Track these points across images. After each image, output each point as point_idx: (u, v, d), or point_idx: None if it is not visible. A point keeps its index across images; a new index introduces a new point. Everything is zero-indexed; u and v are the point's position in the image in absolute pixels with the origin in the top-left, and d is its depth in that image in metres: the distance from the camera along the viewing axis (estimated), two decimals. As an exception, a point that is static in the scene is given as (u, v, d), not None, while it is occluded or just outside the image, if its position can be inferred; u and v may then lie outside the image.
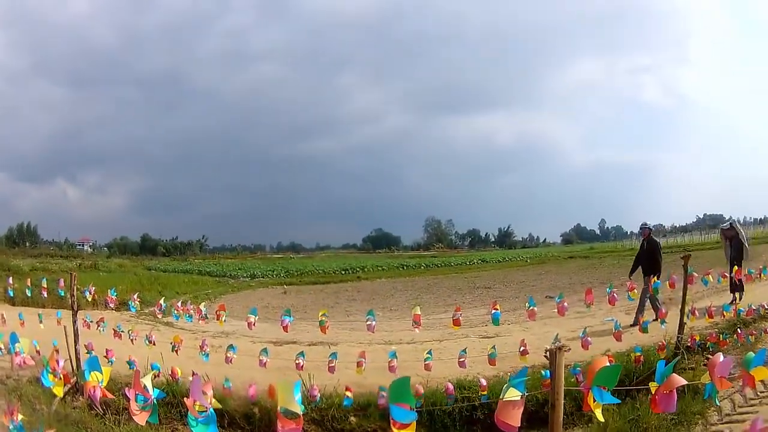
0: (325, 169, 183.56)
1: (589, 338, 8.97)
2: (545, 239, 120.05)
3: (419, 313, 8.28)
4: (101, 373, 3.75)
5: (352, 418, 8.59)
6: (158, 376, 8.53)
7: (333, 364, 8.28)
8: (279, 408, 3.42)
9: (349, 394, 8.22)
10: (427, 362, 8.54)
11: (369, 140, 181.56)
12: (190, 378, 8.02)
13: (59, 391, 3.91)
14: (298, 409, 3.40)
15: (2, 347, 4.48)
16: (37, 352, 9.34)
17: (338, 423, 8.60)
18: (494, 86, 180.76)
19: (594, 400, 3.93)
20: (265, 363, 8.45)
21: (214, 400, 3.62)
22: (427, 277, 44.33)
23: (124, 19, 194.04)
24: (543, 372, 7.91)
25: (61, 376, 3.86)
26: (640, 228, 15.28)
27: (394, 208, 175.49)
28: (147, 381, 3.65)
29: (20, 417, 4.47)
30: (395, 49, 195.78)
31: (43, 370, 3.89)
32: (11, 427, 4.48)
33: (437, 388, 8.72)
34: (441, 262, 61.81)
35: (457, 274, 45.35)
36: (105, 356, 8.53)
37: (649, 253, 14.05)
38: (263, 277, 46.58)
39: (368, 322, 8.33)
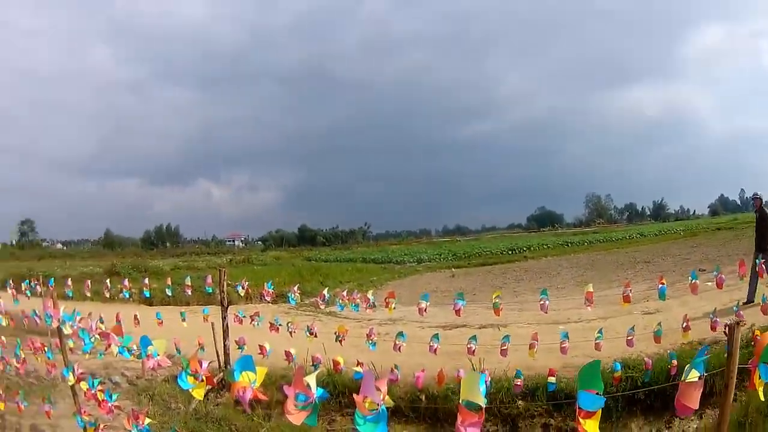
0: (485, 150, 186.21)
1: (741, 312, 8.77)
2: (694, 211, 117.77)
3: (592, 290, 8.18)
4: (254, 373, 3.40)
5: (520, 402, 8.33)
6: (316, 362, 8.51)
7: (505, 347, 8.08)
8: (461, 401, 3.26)
9: (518, 382, 7.99)
10: (597, 341, 8.33)
11: (524, 119, 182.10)
12: (356, 368, 8.14)
13: (200, 393, 3.61)
14: (482, 401, 3.22)
15: (134, 348, 4.27)
16: (177, 350, 9.41)
17: (506, 407, 8.33)
18: (638, 57, 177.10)
19: (759, 377, 3.80)
20: (435, 349, 8.20)
21: (387, 397, 3.28)
22: (590, 253, 44.82)
23: (252, 19, 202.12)
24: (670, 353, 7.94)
25: (204, 377, 3.50)
26: (751, 198, 14.23)
27: (555, 186, 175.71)
28: (311, 379, 3.32)
29: (148, 421, 4.37)
30: (539, 27, 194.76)
31: (182, 371, 3.57)
32: (134, 430, 4.39)
33: (604, 369, 8.00)
34: (602, 237, 61.20)
35: (618, 249, 45.20)
36: (259, 353, 8.37)
37: (758, 226, 13.09)
38: (430, 262, 47.18)
39: (542, 302, 8.18)
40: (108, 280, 11.91)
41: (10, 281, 10.98)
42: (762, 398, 3.94)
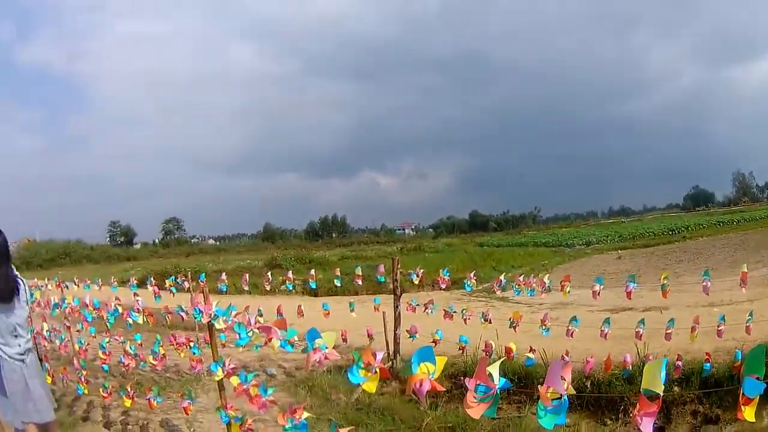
0: (642, 130, 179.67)
1: None
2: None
3: (746, 271, 7.99)
4: (433, 364, 3.24)
5: (675, 388, 7.93)
6: (488, 350, 8.36)
7: (670, 331, 7.91)
8: (642, 389, 3.08)
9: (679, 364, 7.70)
10: (747, 325, 7.99)
11: (674, 97, 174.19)
12: (528, 354, 8.10)
13: (372, 387, 3.47)
14: (661, 389, 2.99)
15: (296, 340, 4.21)
16: (344, 340, 9.35)
17: (664, 394, 7.63)
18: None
19: (743, 394, 3.09)
20: (606, 334, 7.98)
21: (570, 386, 3.05)
22: (738, 233, 45.22)
23: (399, 8, 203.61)
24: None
25: (377, 370, 3.36)
26: None
27: (705, 164, 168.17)
28: (494, 369, 3.12)
29: (305, 415, 4.29)
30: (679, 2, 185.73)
31: (354, 365, 3.45)
32: (288, 426, 4.31)
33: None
34: (748, 216, 60.60)
35: (763, 228, 45.34)
36: (432, 341, 8.23)
37: None
38: (598, 244, 48.22)
39: (704, 283, 7.90)
40: (269, 273, 12.17)
41: (151, 278, 11.29)
42: (750, 419, 3.20)
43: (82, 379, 7.61)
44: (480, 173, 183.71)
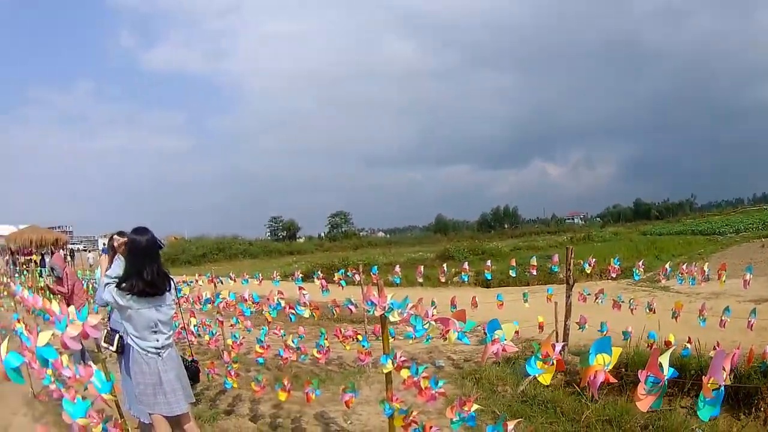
0: None
1: None
2: None
3: None
4: (610, 355, 3.14)
5: None
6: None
7: None
8: None
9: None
10: None
11: None
12: (686, 345, 8.11)
13: (547, 378, 3.42)
14: None
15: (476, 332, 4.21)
16: (516, 332, 9.28)
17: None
18: None
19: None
20: (751, 324, 7.88)
21: (728, 376, 2.92)
22: None
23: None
24: None
25: (554, 361, 3.29)
26: None
27: None
28: (664, 359, 3.00)
29: (475, 407, 4.29)
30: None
31: (532, 356, 3.39)
32: (456, 419, 4.32)
33: None
34: None
35: None
36: (603, 333, 8.15)
37: None
38: (745, 231, 45.94)
39: None
40: (445, 265, 12.23)
41: (318, 272, 11.40)
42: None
43: (232, 373, 7.80)
44: (642, 161, 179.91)
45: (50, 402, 7.94)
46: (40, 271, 30.67)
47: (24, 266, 36.40)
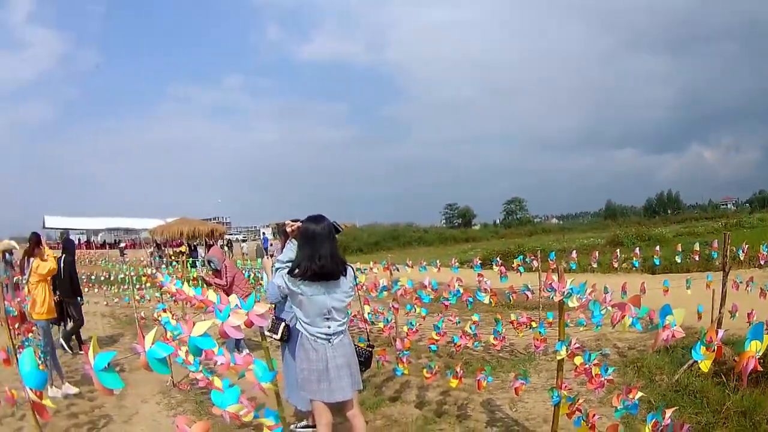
0: None
1: None
2: None
3: None
4: (761, 342, 3.38)
5: None
6: None
7: None
8: None
9: None
10: None
11: None
12: None
13: (706, 365, 3.63)
14: None
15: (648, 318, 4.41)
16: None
17: None
18: None
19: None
20: None
21: None
22: None
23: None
24: None
25: (716, 347, 3.55)
26: None
27: None
28: None
29: (639, 395, 4.46)
30: None
31: (697, 342, 3.65)
32: (620, 407, 4.50)
33: None
34: None
35: None
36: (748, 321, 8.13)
37: None
38: None
39: None
40: (618, 250, 12.57)
41: (497, 259, 11.45)
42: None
43: (404, 360, 7.66)
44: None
45: (191, 391, 8.46)
46: (192, 262, 32.18)
47: (173, 258, 38.12)
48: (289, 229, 5.14)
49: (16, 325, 7.46)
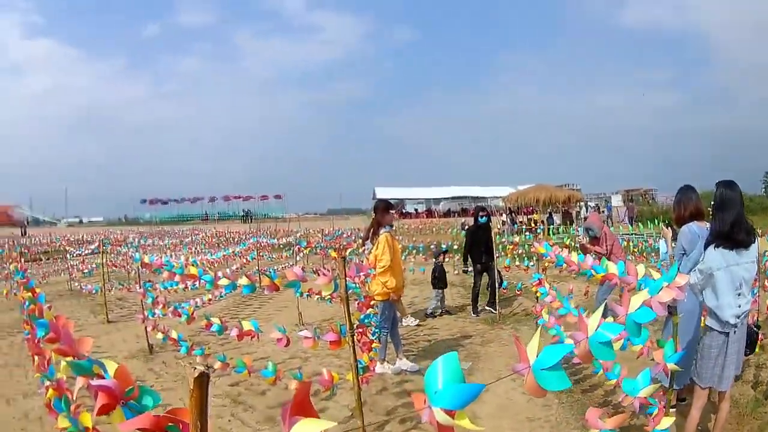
0: None
1: None
2: None
3: None
4: None
5: None
6: None
7: None
8: None
9: None
10: None
11: None
12: None
13: None
14: None
15: None
16: None
17: None
18: None
19: None
20: None
21: None
22: None
23: None
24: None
25: None
26: None
27: None
28: None
29: None
30: None
31: None
32: None
33: None
34: None
35: None
36: None
37: None
38: None
39: None
40: None
41: None
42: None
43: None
44: None
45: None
46: (549, 228, 32.00)
47: (527, 225, 38.09)
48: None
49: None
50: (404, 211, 68.84)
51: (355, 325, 5.32)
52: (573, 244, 15.57)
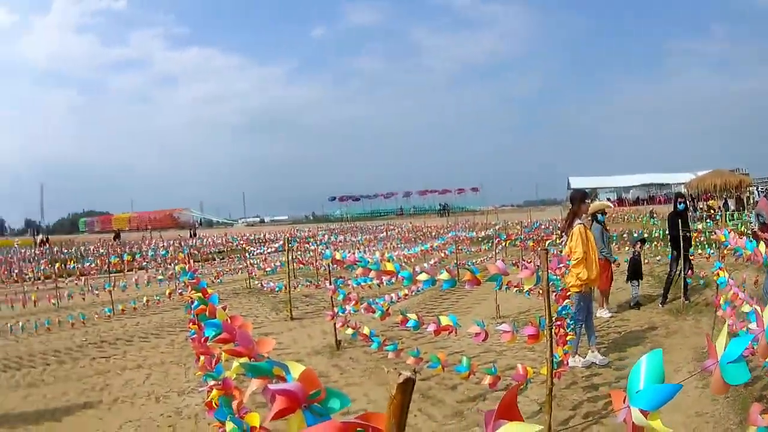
0: None
1: None
2: None
3: None
4: None
5: None
6: None
7: None
8: None
9: None
10: None
11: None
12: None
13: None
14: None
15: None
16: None
17: None
18: None
19: None
20: None
21: None
22: None
23: None
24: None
25: None
26: None
27: None
28: None
29: None
30: None
31: None
32: None
33: None
34: None
35: None
36: None
37: None
38: None
39: None
40: None
41: None
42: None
43: None
44: None
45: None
46: (730, 215, 30.43)
47: (706, 212, 36.53)
48: None
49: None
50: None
51: (553, 318, 5.31)
52: (746, 231, 14.84)
